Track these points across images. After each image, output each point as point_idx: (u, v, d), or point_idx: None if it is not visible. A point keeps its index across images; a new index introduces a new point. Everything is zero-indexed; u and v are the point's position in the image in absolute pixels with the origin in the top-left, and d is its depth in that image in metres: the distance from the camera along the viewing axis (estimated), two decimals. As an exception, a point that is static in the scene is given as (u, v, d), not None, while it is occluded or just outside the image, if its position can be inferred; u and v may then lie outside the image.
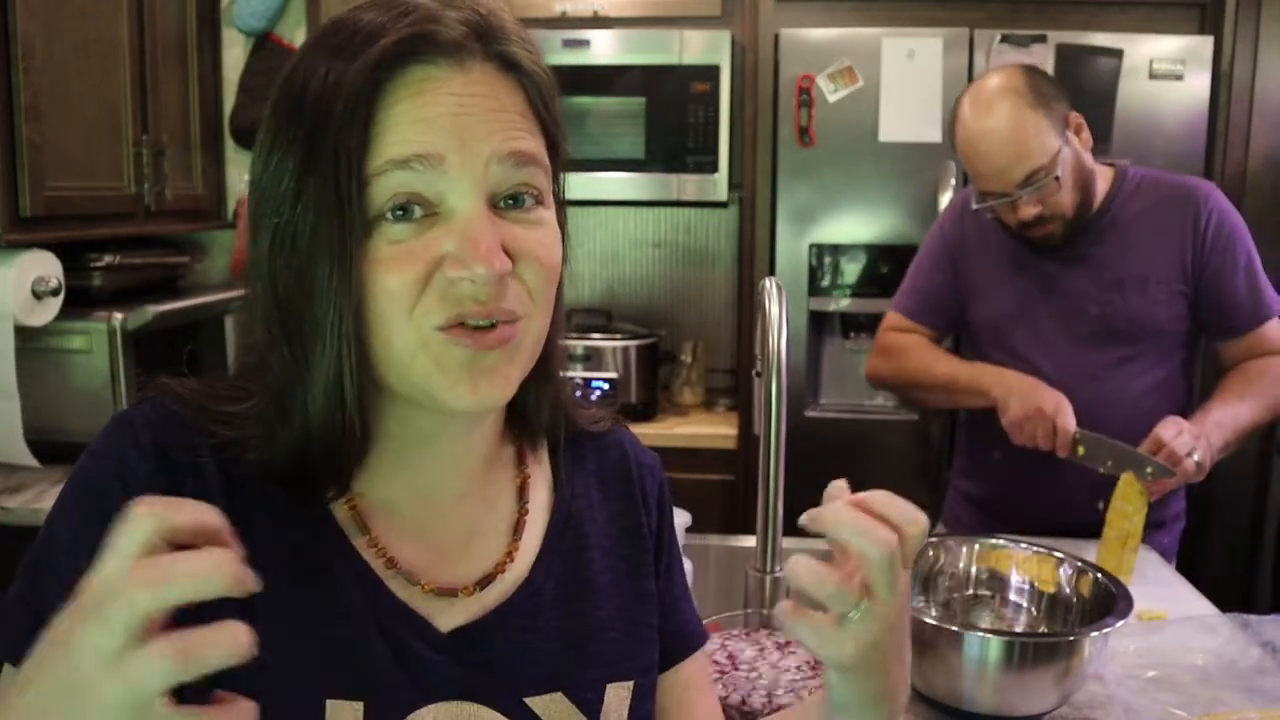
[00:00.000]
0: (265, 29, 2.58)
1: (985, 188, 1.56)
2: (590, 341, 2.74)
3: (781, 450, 1.17)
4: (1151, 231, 1.60)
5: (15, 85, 1.94)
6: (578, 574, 0.74)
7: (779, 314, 1.19)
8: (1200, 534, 2.66)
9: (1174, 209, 1.60)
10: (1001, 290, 1.67)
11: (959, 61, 2.45)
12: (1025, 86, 1.52)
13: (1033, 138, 1.50)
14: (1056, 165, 1.51)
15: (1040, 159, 1.50)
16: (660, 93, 2.72)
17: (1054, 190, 1.52)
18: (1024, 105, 1.50)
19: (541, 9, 2.86)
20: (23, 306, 2.05)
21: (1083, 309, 1.62)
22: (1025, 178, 1.51)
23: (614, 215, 3.17)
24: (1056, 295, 1.64)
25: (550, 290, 0.68)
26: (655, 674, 0.78)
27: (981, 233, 1.69)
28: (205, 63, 2.58)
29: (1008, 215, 1.58)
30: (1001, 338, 1.67)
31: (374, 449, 0.67)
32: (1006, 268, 1.67)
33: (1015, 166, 1.51)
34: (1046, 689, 1.04)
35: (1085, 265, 1.62)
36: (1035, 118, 1.50)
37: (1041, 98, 1.52)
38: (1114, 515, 1.44)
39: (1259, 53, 2.50)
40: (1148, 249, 1.60)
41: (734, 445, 2.66)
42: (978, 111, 1.54)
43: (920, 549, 0.63)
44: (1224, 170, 2.55)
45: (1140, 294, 1.60)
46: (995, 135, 1.51)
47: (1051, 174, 1.50)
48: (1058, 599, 1.21)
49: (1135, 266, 1.60)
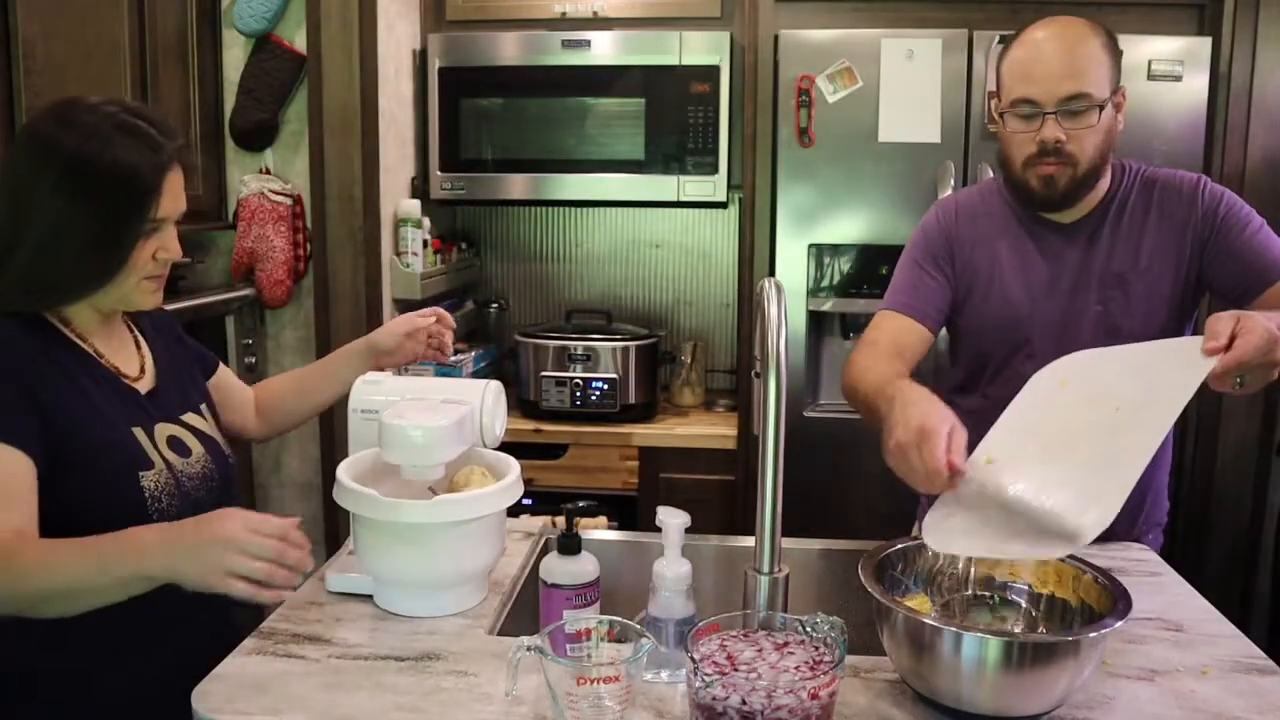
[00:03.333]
0: (265, 30, 2.58)
1: (1024, 93, 1.52)
2: (590, 342, 2.75)
3: (781, 450, 1.17)
4: (1153, 223, 1.61)
5: (15, 86, 1.94)
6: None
7: (778, 314, 1.19)
8: (1200, 534, 2.66)
9: (1172, 198, 1.61)
10: (1007, 288, 1.66)
11: (958, 62, 2.46)
12: (1106, 32, 1.54)
13: (1096, 66, 1.50)
14: (1101, 103, 1.51)
15: (1092, 87, 1.50)
16: (660, 93, 2.72)
17: (1088, 123, 1.51)
18: (1099, 39, 1.52)
19: (541, 9, 2.86)
20: (23, 307, 2.05)
21: (1087, 305, 1.62)
22: (1070, 96, 1.49)
23: (614, 216, 3.18)
24: (1062, 291, 1.63)
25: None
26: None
27: (980, 232, 1.69)
28: (205, 64, 2.58)
29: (1027, 135, 1.53)
30: (1008, 335, 1.66)
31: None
32: (1011, 265, 1.66)
33: (1067, 81, 1.49)
34: (1046, 689, 1.05)
35: (1090, 259, 1.62)
36: (1103, 55, 1.52)
37: (1113, 48, 1.54)
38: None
39: (1257, 54, 2.50)
40: (1149, 242, 1.60)
41: (734, 445, 2.67)
42: (1051, 25, 1.53)
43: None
44: (1222, 171, 2.55)
45: (1143, 288, 1.60)
46: (1063, 44, 1.50)
47: (1094, 106, 1.50)
48: (1057, 599, 1.22)
49: (1138, 260, 1.60)
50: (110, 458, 1.24)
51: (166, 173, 1.24)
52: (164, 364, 1.41)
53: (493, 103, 2.81)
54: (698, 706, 0.98)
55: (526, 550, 1.57)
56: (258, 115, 2.61)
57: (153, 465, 1.27)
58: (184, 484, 1.31)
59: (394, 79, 2.71)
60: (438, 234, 2.89)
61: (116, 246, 1.22)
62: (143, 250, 1.24)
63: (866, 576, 1.14)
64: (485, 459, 1.45)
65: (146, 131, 1.23)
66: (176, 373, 1.43)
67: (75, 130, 1.20)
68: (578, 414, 2.73)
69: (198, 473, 1.34)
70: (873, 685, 1.16)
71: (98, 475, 1.22)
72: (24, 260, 1.21)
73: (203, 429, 1.40)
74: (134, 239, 1.23)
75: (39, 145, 1.21)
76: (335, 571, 1.41)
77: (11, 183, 1.22)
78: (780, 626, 1.08)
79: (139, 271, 1.26)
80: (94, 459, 1.22)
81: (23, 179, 1.20)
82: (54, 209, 1.19)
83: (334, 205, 2.58)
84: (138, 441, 1.27)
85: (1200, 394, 1.17)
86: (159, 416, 1.33)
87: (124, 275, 1.24)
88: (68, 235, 1.19)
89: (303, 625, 1.30)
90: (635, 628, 1.09)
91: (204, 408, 1.44)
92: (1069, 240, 1.63)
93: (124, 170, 1.20)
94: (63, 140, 1.19)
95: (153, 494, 1.26)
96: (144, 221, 1.22)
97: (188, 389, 1.44)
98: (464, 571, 1.34)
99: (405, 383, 1.52)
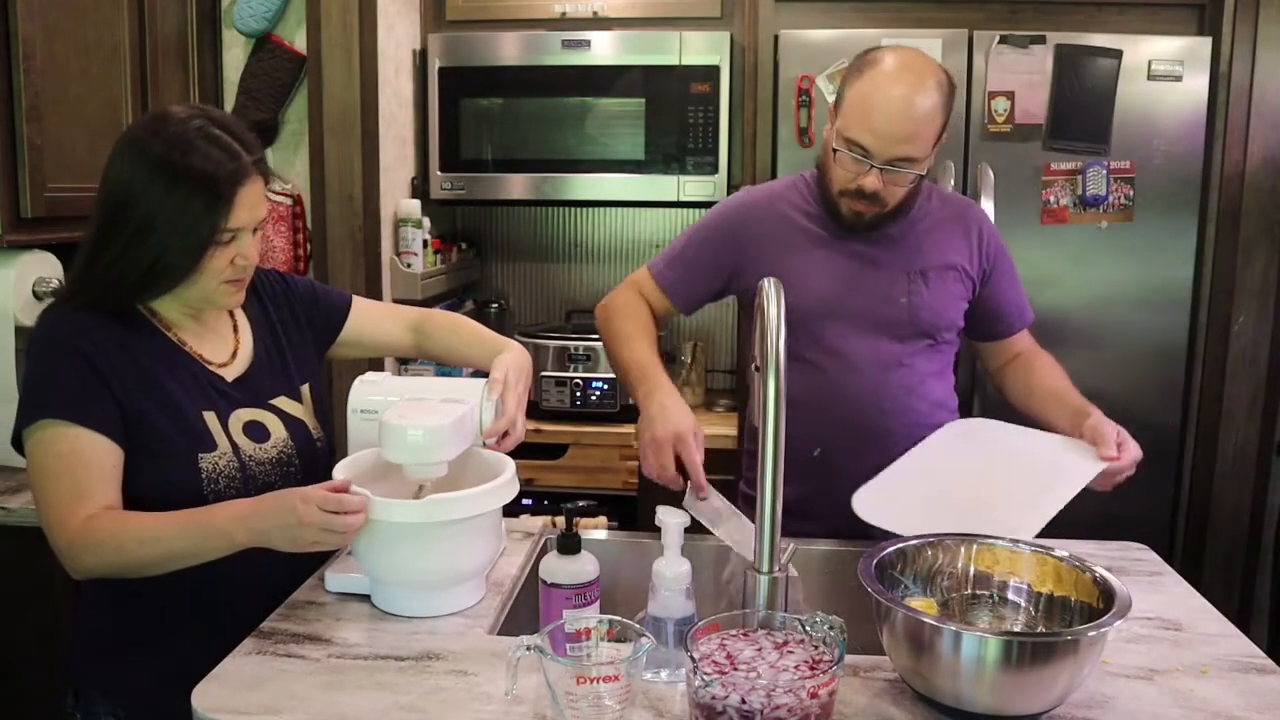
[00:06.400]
0: (265, 30, 2.59)
1: (860, 138, 1.55)
2: (590, 342, 2.74)
3: (781, 450, 1.17)
4: (947, 232, 1.70)
5: (16, 86, 1.94)
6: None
7: (777, 314, 1.19)
8: (1200, 534, 2.66)
9: (961, 218, 1.72)
10: (809, 281, 1.66)
11: (959, 62, 2.46)
12: (949, 90, 1.58)
13: (928, 127, 1.55)
14: (924, 166, 1.58)
15: (920, 150, 1.55)
16: (660, 93, 2.72)
17: (908, 180, 1.58)
18: (942, 104, 1.56)
19: (541, 9, 2.86)
20: (23, 307, 2.06)
21: (892, 298, 1.67)
22: (900, 158, 1.55)
23: (614, 215, 3.18)
24: (866, 286, 1.66)
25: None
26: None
27: (781, 225, 1.71)
28: (205, 64, 2.59)
29: (847, 173, 1.58)
30: (811, 327, 1.67)
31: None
32: (814, 258, 1.68)
33: (901, 144, 1.54)
34: (1045, 688, 1.05)
35: (894, 256, 1.67)
36: (939, 120, 1.57)
37: (948, 107, 1.58)
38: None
39: (1257, 54, 2.50)
40: (945, 245, 1.69)
41: (734, 445, 2.66)
42: (907, 76, 1.54)
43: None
44: (1222, 171, 2.55)
45: (941, 285, 1.67)
46: (906, 104, 1.52)
47: (917, 170, 1.57)
48: (1056, 598, 1.22)
49: (937, 259, 1.68)
50: (172, 440, 1.32)
51: (243, 183, 1.31)
52: (266, 347, 1.49)
53: (493, 103, 2.81)
54: (697, 706, 0.98)
55: (526, 550, 1.57)
56: (258, 115, 2.61)
57: (215, 447, 1.35)
58: (250, 468, 1.38)
59: (394, 79, 2.71)
60: (438, 234, 2.89)
61: (195, 249, 1.30)
62: (220, 257, 1.32)
63: (866, 576, 1.15)
64: (483, 459, 1.45)
65: (227, 143, 1.31)
66: (280, 354, 1.50)
67: (163, 137, 1.29)
68: (578, 414, 2.73)
69: (271, 458, 1.41)
70: (872, 685, 1.16)
71: (158, 456, 1.32)
72: (111, 258, 1.30)
73: (294, 413, 1.47)
74: (209, 244, 1.30)
75: (132, 151, 1.30)
76: (334, 571, 1.41)
77: (107, 185, 1.32)
78: (780, 626, 1.08)
79: (218, 276, 1.34)
80: (156, 441, 1.32)
81: (117, 182, 1.30)
82: (141, 210, 1.28)
83: (334, 205, 2.59)
84: (205, 425, 1.36)
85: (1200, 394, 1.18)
86: (241, 402, 1.41)
87: (204, 278, 1.33)
88: (150, 234, 1.28)
89: (302, 625, 1.30)
90: (635, 627, 1.09)
91: (306, 389, 1.51)
92: (871, 230, 1.66)
93: (204, 177, 1.28)
94: (152, 146, 1.29)
95: (210, 475, 1.34)
96: (219, 230, 1.30)
97: (289, 370, 1.50)
98: (460, 571, 1.34)
99: (405, 383, 1.52)
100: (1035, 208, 2.50)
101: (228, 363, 1.43)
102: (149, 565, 1.25)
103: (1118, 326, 2.53)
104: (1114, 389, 2.52)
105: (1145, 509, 2.55)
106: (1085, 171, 2.47)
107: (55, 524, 1.25)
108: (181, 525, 1.24)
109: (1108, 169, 2.47)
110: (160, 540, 1.24)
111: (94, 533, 1.23)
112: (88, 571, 1.27)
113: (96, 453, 1.27)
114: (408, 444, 1.31)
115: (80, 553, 1.24)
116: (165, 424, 1.32)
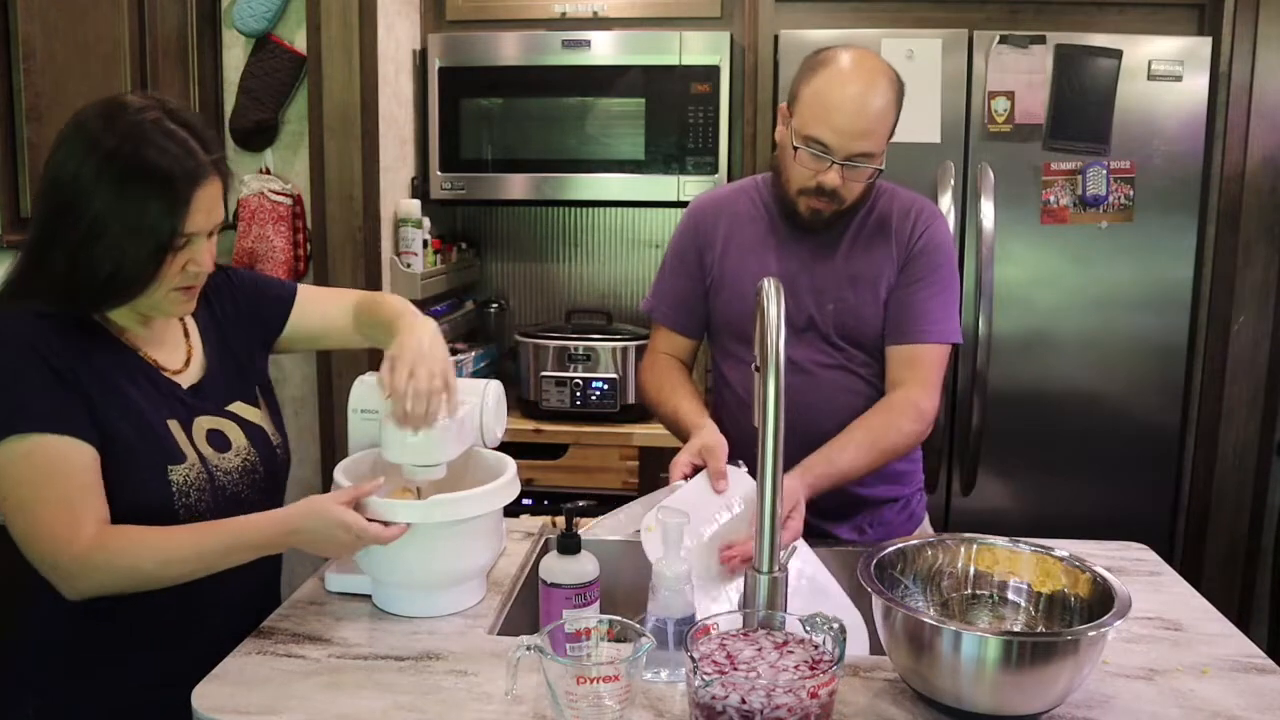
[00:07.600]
0: (265, 30, 2.58)
1: (818, 135, 1.56)
2: (590, 342, 2.74)
3: (780, 449, 1.17)
4: (881, 237, 1.69)
5: (16, 87, 1.94)
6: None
7: (777, 314, 1.19)
8: (1200, 534, 2.66)
9: (899, 218, 1.69)
10: (747, 284, 1.66)
11: (958, 62, 2.46)
12: (900, 89, 1.61)
13: (883, 124, 1.57)
14: (881, 161, 1.60)
15: (877, 146, 1.57)
16: (660, 93, 2.72)
17: (866, 175, 1.59)
18: (894, 102, 1.59)
19: (541, 9, 2.86)
20: (23, 307, 2.05)
21: (822, 304, 1.68)
22: (858, 154, 1.56)
23: (614, 216, 3.17)
24: (800, 290, 1.67)
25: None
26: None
27: (735, 225, 1.73)
28: (205, 64, 2.59)
29: (806, 170, 1.59)
30: (746, 331, 1.66)
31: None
32: (756, 262, 1.69)
33: (859, 140, 1.55)
34: (1045, 688, 1.05)
35: (828, 262, 1.68)
36: (892, 116, 1.59)
37: (899, 105, 1.61)
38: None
39: (1257, 53, 2.50)
40: (876, 252, 1.68)
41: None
42: (863, 75, 1.56)
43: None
44: (1222, 171, 2.55)
45: (869, 294, 1.67)
46: (862, 102, 1.55)
47: (875, 165, 1.59)
48: (1056, 598, 1.22)
49: (867, 268, 1.67)
50: (140, 452, 1.24)
51: (200, 184, 1.21)
52: (217, 351, 1.40)
53: (493, 103, 2.81)
54: (697, 705, 0.98)
55: (526, 550, 1.57)
56: (258, 115, 2.61)
57: (184, 459, 1.28)
58: (218, 479, 1.31)
59: (394, 79, 2.71)
60: (438, 234, 2.89)
61: (153, 255, 1.19)
62: (172, 264, 1.22)
63: (866, 577, 1.15)
64: (484, 459, 1.45)
65: (183, 138, 1.20)
66: (233, 357, 1.42)
67: (116, 129, 1.18)
68: (578, 414, 2.73)
69: (236, 467, 1.34)
70: (872, 684, 1.16)
71: (126, 468, 1.23)
72: (59, 259, 1.20)
73: (251, 419, 1.40)
74: (167, 250, 1.20)
75: (81, 141, 1.19)
76: (334, 571, 1.41)
77: (51, 175, 1.20)
78: (780, 626, 1.08)
79: (168, 283, 1.24)
80: (124, 453, 1.23)
81: (63, 173, 1.19)
82: (90, 210, 1.17)
83: (334, 205, 2.58)
84: (171, 435, 1.28)
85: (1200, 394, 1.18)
86: (200, 409, 1.33)
87: (153, 285, 1.22)
88: (101, 238, 1.18)
89: (302, 625, 1.30)
90: (635, 627, 1.09)
91: (258, 391, 1.44)
92: (826, 229, 1.67)
93: (157, 174, 1.18)
94: (103, 139, 1.18)
95: (181, 488, 1.26)
96: (175, 235, 1.20)
97: (244, 372, 1.43)
98: (460, 571, 1.34)
99: (405, 382, 1.52)
100: (1035, 208, 2.50)
101: (182, 369, 1.35)
102: (158, 583, 1.20)
103: (1118, 326, 2.53)
104: (1114, 389, 2.53)
105: (1145, 509, 2.55)
106: (1085, 171, 2.47)
107: (49, 541, 1.16)
108: (198, 543, 1.20)
109: (1108, 169, 2.47)
110: (185, 560, 1.19)
111: (107, 550, 1.16)
112: (91, 591, 1.18)
113: (81, 462, 1.18)
114: (408, 444, 1.31)
115: (91, 571, 1.16)
116: (130, 434, 1.23)
